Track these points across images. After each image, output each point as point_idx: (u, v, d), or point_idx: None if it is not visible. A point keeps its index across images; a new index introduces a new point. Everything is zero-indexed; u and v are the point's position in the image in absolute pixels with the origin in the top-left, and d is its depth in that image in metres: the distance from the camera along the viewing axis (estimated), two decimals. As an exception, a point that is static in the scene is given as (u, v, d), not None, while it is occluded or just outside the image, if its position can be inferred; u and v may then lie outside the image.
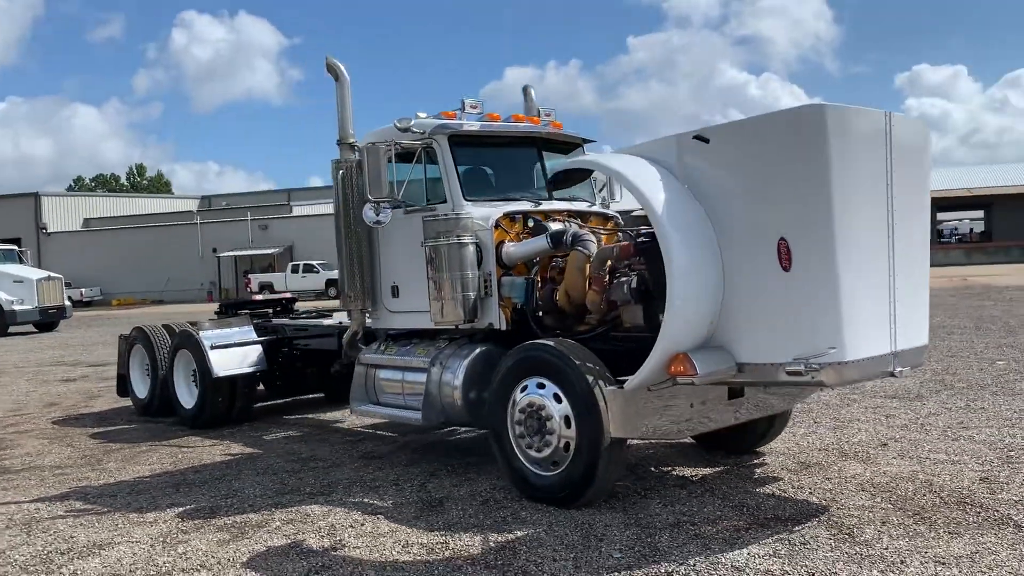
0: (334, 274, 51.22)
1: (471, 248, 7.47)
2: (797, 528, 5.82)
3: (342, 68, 8.41)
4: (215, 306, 13.75)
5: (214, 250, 64.86)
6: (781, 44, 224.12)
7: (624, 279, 6.88)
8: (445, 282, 7.44)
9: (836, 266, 5.48)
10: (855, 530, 5.73)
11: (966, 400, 9.94)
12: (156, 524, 6.68)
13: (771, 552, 5.39)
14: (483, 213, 7.60)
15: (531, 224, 7.84)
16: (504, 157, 8.49)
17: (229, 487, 7.76)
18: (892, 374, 5.90)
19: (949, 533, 5.59)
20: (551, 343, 6.66)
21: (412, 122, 7.82)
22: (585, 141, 8.82)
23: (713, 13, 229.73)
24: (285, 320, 11.70)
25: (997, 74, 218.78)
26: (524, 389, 6.70)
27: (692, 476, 7.31)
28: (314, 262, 54.85)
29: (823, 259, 5.50)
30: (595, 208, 8.54)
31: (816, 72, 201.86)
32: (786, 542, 5.55)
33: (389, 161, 7.69)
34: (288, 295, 13.65)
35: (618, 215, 8.68)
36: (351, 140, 8.51)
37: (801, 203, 5.54)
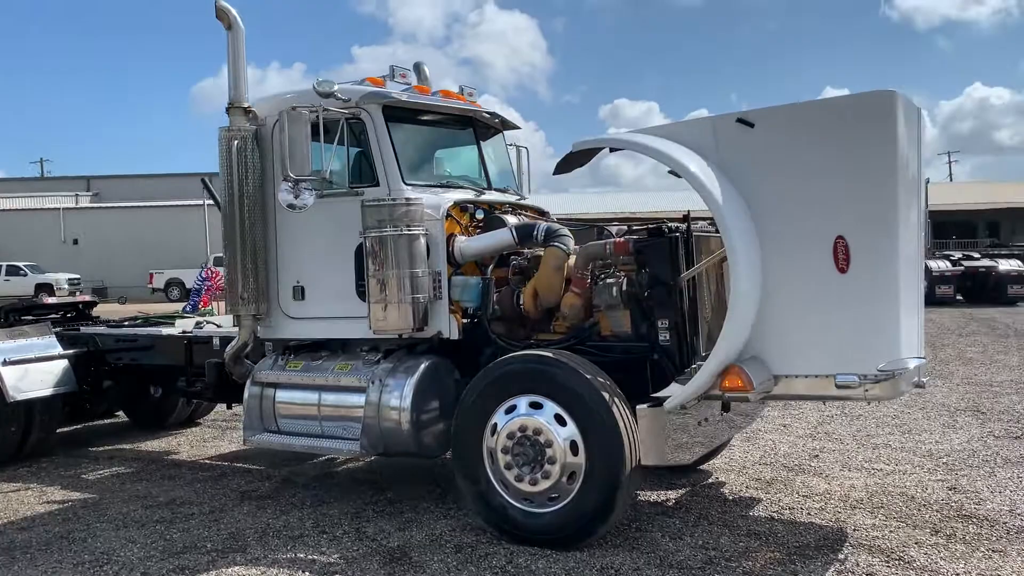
0: (46, 277, 45.18)
1: (422, 241, 6.23)
2: (841, 555, 5.28)
3: (235, 14, 6.78)
4: None
5: None
6: (500, 69, 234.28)
7: (611, 281, 6.02)
8: (391, 282, 6.12)
9: (897, 268, 5.03)
10: (899, 553, 5.29)
11: (841, 406, 10.11)
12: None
13: (845, 588, 4.78)
14: (432, 201, 6.37)
15: (479, 216, 6.73)
16: (441, 137, 7.30)
17: (89, 548, 5.84)
18: (920, 385, 5.56)
19: (991, 551, 5.31)
20: (549, 354, 5.63)
21: (336, 87, 6.40)
22: (514, 128, 7.84)
23: (438, 33, 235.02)
24: (101, 329, 9.47)
25: (684, 111, 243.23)
26: (511, 410, 5.60)
27: (664, 501, 6.58)
28: (20, 263, 47.70)
29: (886, 260, 5.02)
30: (530, 202, 7.57)
31: (531, 98, 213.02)
32: (850, 574, 4.98)
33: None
34: (86, 298, 11.23)
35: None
36: (245, 104, 6.88)
37: (865, 198, 5.02)
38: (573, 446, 5.39)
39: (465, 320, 6.39)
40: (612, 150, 5.73)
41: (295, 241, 6.89)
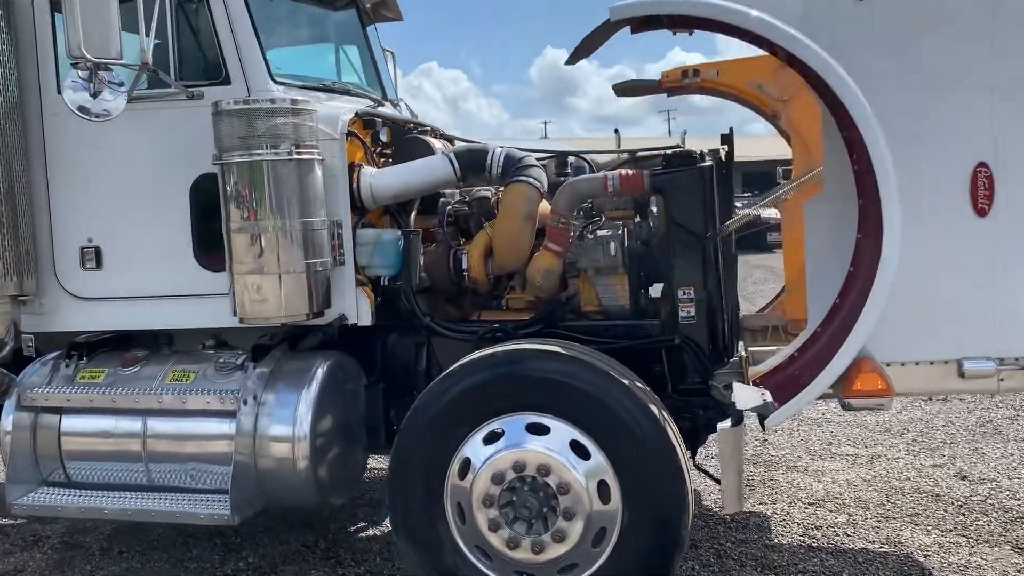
0: None
1: (318, 173, 3.92)
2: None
3: None
4: None
5: None
6: None
7: (605, 233, 4.13)
8: (271, 238, 3.77)
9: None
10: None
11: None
12: None
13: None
14: (326, 112, 4.05)
15: (384, 139, 4.48)
16: (315, 20, 4.88)
17: None
18: None
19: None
20: (556, 347, 3.62)
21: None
22: (396, 18, 5.57)
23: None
24: None
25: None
26: (494, 438, 3.56)
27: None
28: None
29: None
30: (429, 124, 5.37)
31: None
32: None
33: None
34: None
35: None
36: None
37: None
38: (602, 489, 3.48)
39: (377, 297, 4.19)
40: (668, 22, 3.66)
41: (84, 176, 4.25)
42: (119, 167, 4.20)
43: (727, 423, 3.39)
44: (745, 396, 3.46)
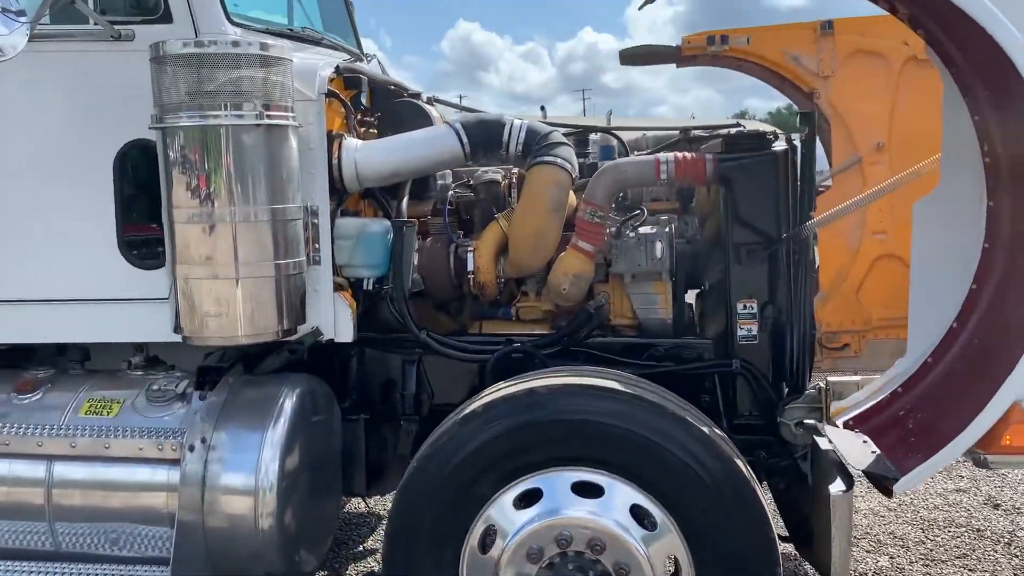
0: None
1: (293, 144, 2.97)
2: None
3: None
4: None
5: None
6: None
7: (649, 231, 3.33)
8: (227, 231, 2.81)
9: None
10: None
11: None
12: None
13: None
14: (301, 65, 3.09)
15: (364, 101, 3.54)
16: None
17: None
18: None
19: None
20: (613, 382, 2.78)
21: None
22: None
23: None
24: None
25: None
26: (528, 501, 2.72)
27: None
28: None
29: None
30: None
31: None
32: None
33: None
34: None
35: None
36: None
37: None
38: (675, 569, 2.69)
39: (359, 305, 3.28)
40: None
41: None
42: (15, 128, 3.15)
43: (839, 487, 2.64)
44: (856, 451, 2.71)
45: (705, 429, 2.70)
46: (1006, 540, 4.51)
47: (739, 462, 2.69)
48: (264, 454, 2.95)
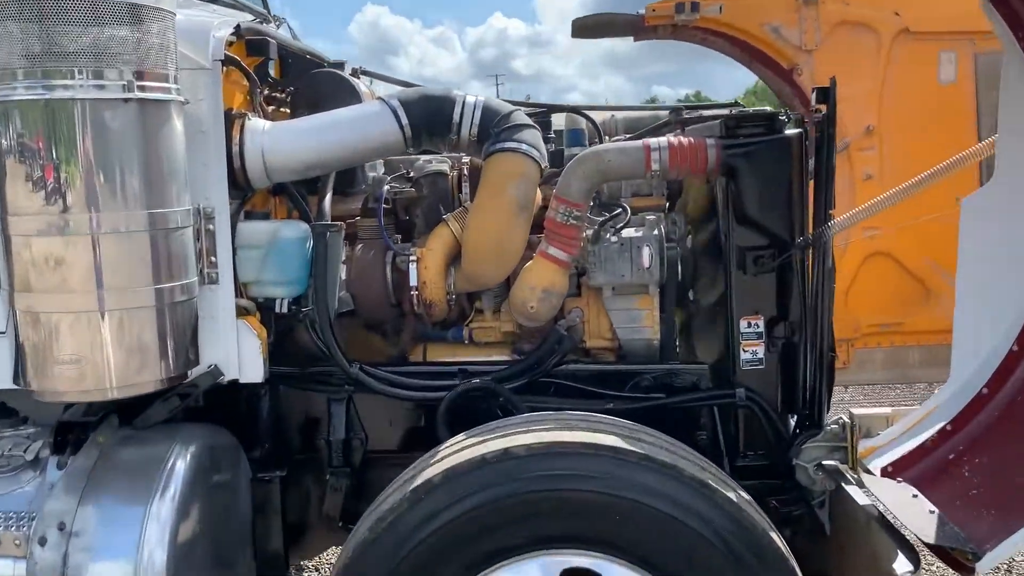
0: None
1: (178, 127, 2.23)
2: None
3: None
4: None
5: None
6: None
7: (634, 234, 2.70)
8: (91, 246, 2.06)
9: None
10: None
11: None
12: None
13: None
14: (192, 21, 2.35)
15: (271, 71, 2.81)
16: None
17: None
18: None
19: None
20: (607, 439, 2.13)
21: None
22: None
23: None
24: None
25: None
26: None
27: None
28: None
29: None
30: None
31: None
32: None
33: None
34: None
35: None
36: None
37: None
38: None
39: (270, 334, 2.56)
40: None
41: None
42: None
43: (905, 568, 2.07)
44: (912, 514, 2.15)
45: (732, 495, 2.09)
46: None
47: (772, 534, 2.10)
48: (148, 533, 2.21)
